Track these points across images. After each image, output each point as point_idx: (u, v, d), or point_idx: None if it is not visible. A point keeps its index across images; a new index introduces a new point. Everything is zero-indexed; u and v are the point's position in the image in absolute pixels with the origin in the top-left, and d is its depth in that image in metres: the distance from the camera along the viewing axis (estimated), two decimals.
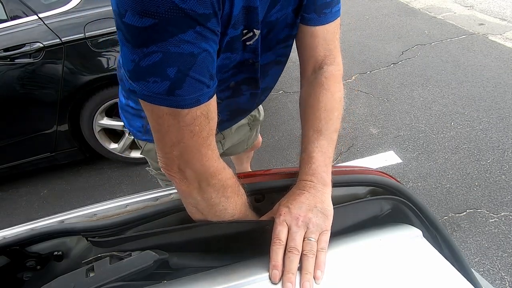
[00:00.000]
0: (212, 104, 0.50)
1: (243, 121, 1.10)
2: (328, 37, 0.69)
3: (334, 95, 0.68)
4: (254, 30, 0.59)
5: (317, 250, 0.53)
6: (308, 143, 0.64)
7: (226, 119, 0.90)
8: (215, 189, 0.55)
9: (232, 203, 0.58)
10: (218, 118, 0.86)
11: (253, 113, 1.14)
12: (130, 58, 0.44)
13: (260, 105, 1.19)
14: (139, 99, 0.47)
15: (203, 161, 0.51)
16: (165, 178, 1.02)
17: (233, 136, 1.09)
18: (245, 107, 0.89)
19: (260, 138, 1.47)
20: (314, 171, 0.60)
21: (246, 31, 0.59)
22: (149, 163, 1.03)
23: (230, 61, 0.64)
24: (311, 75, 0.72)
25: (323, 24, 0.67)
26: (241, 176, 0.68)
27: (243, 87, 0.80)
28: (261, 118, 1.20)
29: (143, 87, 0.45)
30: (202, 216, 0.58)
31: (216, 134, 0.97)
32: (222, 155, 1.19)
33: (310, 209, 0.56)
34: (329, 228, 0.56)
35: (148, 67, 0.43)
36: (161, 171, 0.99)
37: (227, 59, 0.62)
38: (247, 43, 0.62)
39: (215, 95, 0.51)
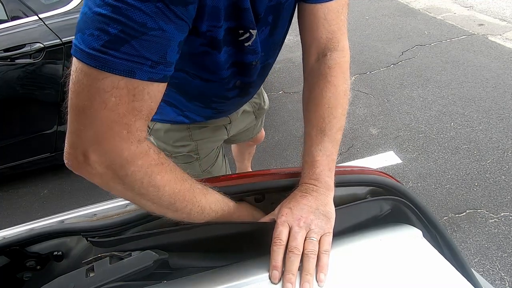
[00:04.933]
0: (152, 89, 0.45)
1: (248, 108, 1.11)
2: (330, 16, 0.64)
3: (338, 89, 0.64)
4: (251, 30, 0.58)
5: (320, 252, 0.53)
6: (312, 145, 0.63)
7: (230, 109, 0.92)
8: (137, 178, 0.47)
9: (168, 192, 0.50)
10: (223, 112, 0.84)
11: (257, 101, 1.14)
12: (82, 11, 0.41)
13: (265, 94, 1.19)
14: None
15: (115, 141, 0.44)
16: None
17: (238, 123, 1.08)
18: (250, 95, 0.90)
19: (263, 131, 1.47)
20: (318, 176, 0.60)
21: (242, 31, 0.57)
22: (155, 144, 1.03)
23: (228, 56, 0.63)
24: (314, 63, 0.68)
25: (324, 2, 0.62)
26: (241, 176, 0.68)
27: (251, 90, 0.81)
28: (266, 107, 1.20)
29: (78, 40, 0.41)
30: (154, 206, 0.52)
31: (222, 118, 0.95)
32: (228, 141, 1.19)
33: (312, 211, 0.56)
34: (331, 230, 0.56)
35: (93, 17, 0.39)
36: (167, 151, 0.98)
37: (225, 53, 0.61)
38: (246, 44, 0.60)
39: (164, 85, 0.47)
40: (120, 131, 0.43)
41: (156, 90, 0.46)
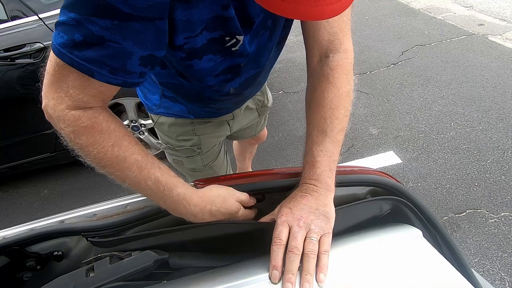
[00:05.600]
0: (107, 86, 0.52)
1: (252, 105, 1.11)
2: (331, 18, 0.65)
3: (340, 90, 0.65)
4: (237, 36, 0.59)
5: (320, 253, 0.53)
6: (313, 145, 0.63)
7: (230, 108, 0.93)
8: (65, 133, 0.55)
9: (93, 154, 0.55)
10: (223, 110, 0.85)
11: (261, 98, 1.14)
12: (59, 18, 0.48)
13: (269, 92, 1.20)
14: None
15: (53, 99, 0.53)
16: (173, 153, 1.04)
17: (241, 119, 1.09)
18: (250, 95, 0.90)
19: (265, 130, 1.48)
20: (319, 176, 0.60)
21: (228, 38, 0.58)
22: (159, 136, 1.04)
23: (216, 64, 0.63)
24: (317, 65, 0.68)
25: None
26: (241, 176, 0.68)
27: (246, 91, 0.81)
28: (269, 105, 1.20)
29: (54, 37, 0.48)
30: (92, 164, 0.58)
31: (226, 114, 0.97)
32: (230, 137, 1.21)
33: (312, 211, 0.56)
34: (331, 231, 0.56)
35: (62, 24, 0.47)
36: (170, 145, 1.01)
37: (211, 61, 0.62)
38: (233, 49, 0.61)
39: (115, 89, 0.54)
40: (60, 94, 0.52)
41: (112, 88, 0.53)
